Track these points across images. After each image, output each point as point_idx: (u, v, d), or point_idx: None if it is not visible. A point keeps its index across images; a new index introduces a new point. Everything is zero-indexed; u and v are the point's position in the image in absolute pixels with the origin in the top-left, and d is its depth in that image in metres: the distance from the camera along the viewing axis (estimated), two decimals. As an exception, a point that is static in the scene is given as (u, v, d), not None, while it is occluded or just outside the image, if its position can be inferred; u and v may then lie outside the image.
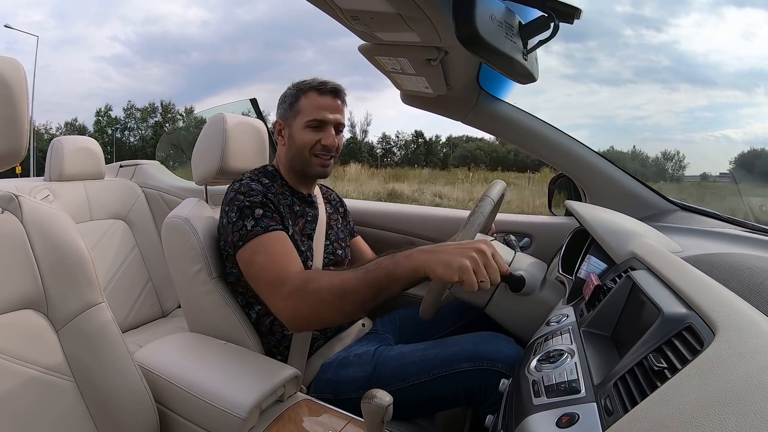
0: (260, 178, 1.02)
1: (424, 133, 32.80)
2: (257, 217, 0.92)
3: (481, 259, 0.72)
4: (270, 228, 0.92)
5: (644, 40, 56.89)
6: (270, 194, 0.97)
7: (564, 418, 0.43)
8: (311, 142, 1.03)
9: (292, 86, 1.06)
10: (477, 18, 0.57)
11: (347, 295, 0.79)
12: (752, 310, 0.42)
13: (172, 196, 1.85)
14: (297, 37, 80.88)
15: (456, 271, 0.71)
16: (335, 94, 1.05)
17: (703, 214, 1.14)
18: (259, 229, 0.91)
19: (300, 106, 1.03)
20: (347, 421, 0.73)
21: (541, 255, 1.19)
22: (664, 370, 0.39)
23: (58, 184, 1.63)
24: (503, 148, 28.79)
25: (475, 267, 0.71)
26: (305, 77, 1.07)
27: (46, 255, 0.66)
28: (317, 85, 1.03)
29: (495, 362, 0.85)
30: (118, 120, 28.78)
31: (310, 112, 1.02)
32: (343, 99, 1.06)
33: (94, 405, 0.68)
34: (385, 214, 1.53)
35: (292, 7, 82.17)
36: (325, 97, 1.03)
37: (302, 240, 1.02)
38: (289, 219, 1.00)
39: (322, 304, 0.81)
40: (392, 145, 32.40)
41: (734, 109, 55.89)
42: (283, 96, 1.08)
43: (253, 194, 0.95)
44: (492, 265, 0.73)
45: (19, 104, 0.60)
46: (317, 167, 1.05)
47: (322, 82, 1.03)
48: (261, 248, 0.90)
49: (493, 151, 29.63)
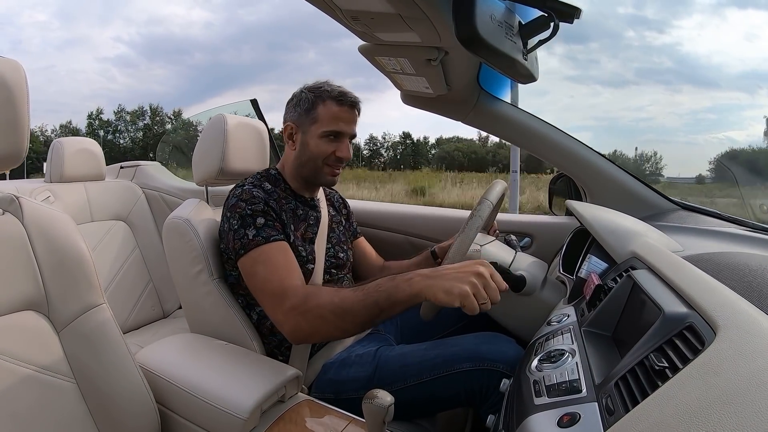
0: (262, 183, 1.02)
1: (412, 134, 32.97)
2: (259, 227, 0.92)
3: (480, 282, 0.72)
4: (271, 238, 0.91)
5: (646, 42, 57.00)
6: (272, 201, 0.97)
7: (565, 418, 0.43)
8: (326, 153, 1.02)
9: (308, 90, 1.03)
10: (477, 18, 0.57)
11: (346, 314, 0.80)
12: (753, 310, 0.42)
13: (173, 197, 1.85)
14: (299, 39, 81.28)
15: (457, 297, 0.70)
16: (354, 106, 1.03)
17: (704, 213, 1.14)
18: (261, 239, 0.91)
19: (318, 113, 1.01)
20: (348, 421, 0.73)
21: (541, 255, 1.19)
22: (665, 370, 0.39)
23: (58, 185, 1.63)
24: (483, 149, 29.08)
25: (474, 291, 0.71)
26: (318, 80, 1.05)
27: (47, 256, 0.66)
28: (337, 95, 1.01)
29: (496, 362, 0.85)
30: (110, 122, 29.37)
31: (329, 123, 1.00)
32: (359, 111, 1.05)
33: (95, 406, 0.68)
34: (386, 215, 1.53)
35: (295, 8, 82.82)
36: (343, 108, 1.01)
37: (303, 245, 1.01)
38: (291, 225, 1.00)
39: (321, 321, 0.82)
40: (379, 146, 32.45)
41: (738, 111, 55.90)
42: (297, 98, 1.04)
43: (255, 202, 0.94)
44: (491, 286, 0.73)
45: (19, 106, 0.60)
46: (328, 176, 1.05)
47: (341, 92, 1.02)
48: (262, 259, 0.90)
49: (472, 152, 30.07)
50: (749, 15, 66.89)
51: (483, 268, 0.74)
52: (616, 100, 56.01)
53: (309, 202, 1.10)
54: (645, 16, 62.42)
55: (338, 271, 1.11)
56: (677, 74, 56.42)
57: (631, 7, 69.44)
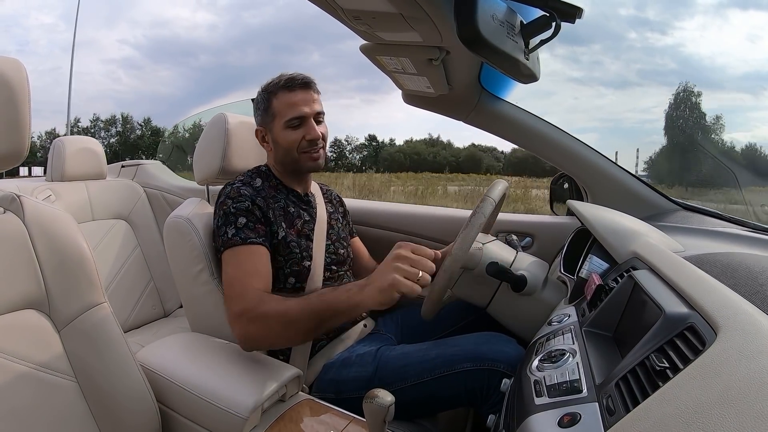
0: (253, 180, 1.03)
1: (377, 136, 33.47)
2: (239, 227, 0.93)
3: (404, 263, 0.72)
4: (248, 240, 0.92)
5: (649, 43, 56.92)
6: (259, 198, 0.98)
7: (566, 418, 0.43)
8: (296, 141, 1.02)
9: (262, 91, 1.04)
10: (479, 17, 0.57)
11: (290, 323, 0.81)
12: (754, 310, 0.42)
13: (174, 196, 1.85)
14: (303, 41, 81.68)
15: (390, 289, 0.70)
16: (306, 86, 1.02)
17: (705, 213, 1.14)
18: (238, 239, 0.92)
19: (274, 108, 1.02)
20: (349, 420, 0.73)
21: (542, 255, 1.19)
22: (666, 370, 0.39)
23: (59, 184, 1.63)
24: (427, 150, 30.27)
25: (403, 274, 0.71)
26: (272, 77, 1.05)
27: (48, 255, 0.66)
28: (285, 83, 1.01)
29: (497, 362, 0.85)
30: (88, 130, 30.46)
31: (286, 112, 1.01)
32: (315, 89, 1.04)
33: (96, 405, 0.68)
34: (385, 214, 1.53)
35: (298, 10, 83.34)
36: (296, 92, 1.01)
37: (298, 241, 1.02)
38: (282, 222, 1.00)
39: (267, 329, 0.83)
40: (343, 148, 32.87)
41: (742, 113, 55.75)
42: (255, 102, 1.06)
43: (240, 200, 0.96)
44: (417, 259, 0.73)
45: (20, 105, 0.60)
46: (308, 162, 1.04)
47: (289, 78, 1.01)
48: (233, 260, 0.91)
49: (414, 153, 31.26)
50: (751, 16, 66.80)
51: (402, 250, 0.74)
52: (622, 101, 56.02)
53: (303, 197, 1.10)
54: (647, 18, 62.36)
55: (338, 268, 1.11)
56: (681, 76, 56.42)
57: (633, 8, 69.41)
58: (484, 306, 1.03)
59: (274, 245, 0.98)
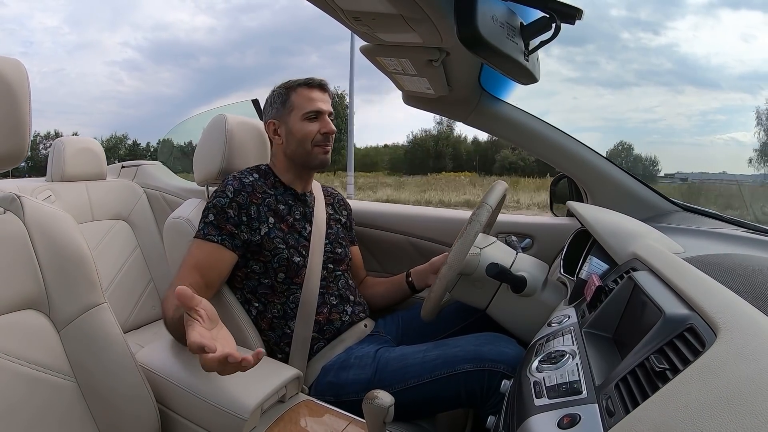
0: (250, 174, 1.06)
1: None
2: (207, 222, 0.98)
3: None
4: (207, 237, 0.96)
5: (642, 44, 56.90)
6: (243, 194, 1.00)
7: (565, 419, 0.43)
8: (312, 132, 1.07)
9: (279, 87, 1.11)
10: (478, 19, 0.57)
11: (169, 327, 0.86)
12: (754, 311, 0.42)
13: (174, 196, 1.85)
14: (301, 43, 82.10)
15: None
16: (322, 88, 1.11)
17: (705, 214, 1.14)
18: (201, 233, 0.97)
19: (293, 101, 1.08)
20: (348, 421, 0.73)
21: (542, 256, 1.19)
22: (666, 371, 0.39)
23: (59, 184, 1.63)
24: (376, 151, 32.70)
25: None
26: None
27: (47, 255, 0.66)
28: (305, 81, 1.09)
29: (496, 363, 0.85)
30: None
31: (306, 105, 1.07)
32: (329, 92, 1.13)
33: (96, 405, 0.68)
34: (387, 215, 1.53)
35: (295, 14, 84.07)
36: (314, 90, 1.09)
37: (287, 237, 1.04)
38: (269, 217, 1.02)
39: (165, 317, 0.87)
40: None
41: (744, 112, 55.76)
42: (271, 97, 1.12)
43: (220, 196, 0.99)
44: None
45: (20, 105, 0.60)
46: (320, 155, 1.09)
47: (308, 78, 1.10)
48: (189, 250, 0.97)
49: (363, 155, 32.81)
50: (743, 16, 66.68)
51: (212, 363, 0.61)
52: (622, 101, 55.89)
53: (300, 195, 1.11)
54: (638, 18, 62.28)
55: (336, 266, 1.11)
56: (678, 75, 56.27)
57: (624, 9, 69.30)
58: (484, 307, 1.03)
59: (256, 242, 1.00)
